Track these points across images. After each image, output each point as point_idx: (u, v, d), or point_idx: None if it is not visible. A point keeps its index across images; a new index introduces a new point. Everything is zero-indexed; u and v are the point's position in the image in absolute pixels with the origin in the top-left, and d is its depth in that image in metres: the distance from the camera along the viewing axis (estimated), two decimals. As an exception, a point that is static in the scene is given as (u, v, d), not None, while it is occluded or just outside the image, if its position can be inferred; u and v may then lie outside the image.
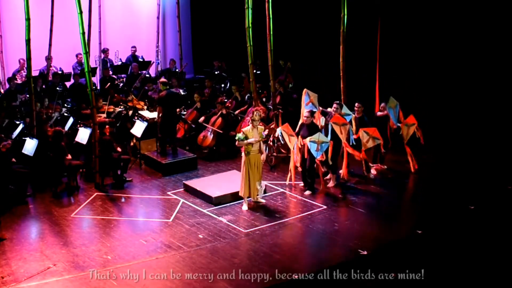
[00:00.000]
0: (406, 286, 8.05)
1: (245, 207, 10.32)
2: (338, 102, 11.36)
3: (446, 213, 10.04)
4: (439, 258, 8.66)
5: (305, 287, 8.03)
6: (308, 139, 10.59)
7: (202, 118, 13.29)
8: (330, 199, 10.69)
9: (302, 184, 11.18)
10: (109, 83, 14.94)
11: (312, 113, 11.01)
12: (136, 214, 10.42)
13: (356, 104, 11.65)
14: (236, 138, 10.21)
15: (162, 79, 13.00)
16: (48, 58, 14.87)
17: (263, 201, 10.59)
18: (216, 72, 16.64)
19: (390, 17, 13.72)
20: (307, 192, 10.93)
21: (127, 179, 11.66)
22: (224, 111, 13.18)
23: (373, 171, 11.77)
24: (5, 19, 15.45)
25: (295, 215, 10.09)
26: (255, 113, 10.19)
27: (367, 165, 11.73)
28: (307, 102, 11.36)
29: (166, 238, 9.27)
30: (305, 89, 11.42)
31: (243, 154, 10.22)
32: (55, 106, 13.06)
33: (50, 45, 14.62)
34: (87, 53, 11.28)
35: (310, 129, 10.77)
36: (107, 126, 11.52)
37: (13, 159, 10.65)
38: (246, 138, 10.11)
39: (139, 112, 13.52)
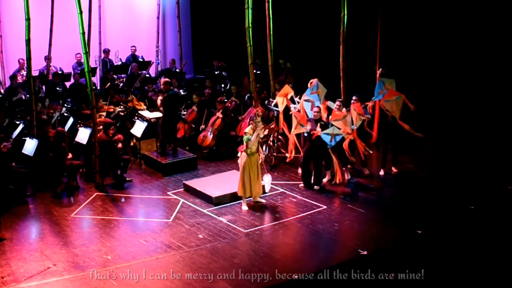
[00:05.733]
0: (406, 286, 8.06)
1: (245, 207, 10.32)
2: (341, 100, 11.39)
3: (446, 213, 10.04)
4: (439, 258, 8.66)
5: (305, 287, 8.03)
6: (322, 132, 10.68)
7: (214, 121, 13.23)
8: (330, 199, 10.69)
9: (302, 185, 11.20)
10: (109, 83, 14.94)
11: (319, 109, 11.11)
12: (136, 214, 10.42)
13: (354, 97, 11.63)
14: (245, 140, 10.15)
15: (165, 80, 12.96)
16: (48, 58, 14.87)
17: (263, 201, 10.59)
18: (216, 72, 16.64)
19: (390, 17, 13.72)
20: (302, 185, 11.14)
21: (127, 179, 11.66)
22: (220, 115, 13.14)
23: (366, 171, 11.81)
24: (5, 19, 15.45)
25: (295, 215, 10.09)
26: (256, 113, 10.28)
27: (364, 161, 11.79)
28: (313, 92, 11.32)
29: (166, 238, 9.27)
30: (316, 79, 11.39)
31: (242, 154, 10.22)
32: (55, 106, 13.06)
33: (50, 45, 14.62)
34: (87, 53, 11.27)
35: (317, 123, 10.92)
36: (112, 127, 11.49)
37: (13, 164, 10.66)
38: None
39: (139, 112, 13.52)
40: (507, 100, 13.57)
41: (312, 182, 11.14)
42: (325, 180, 11.43)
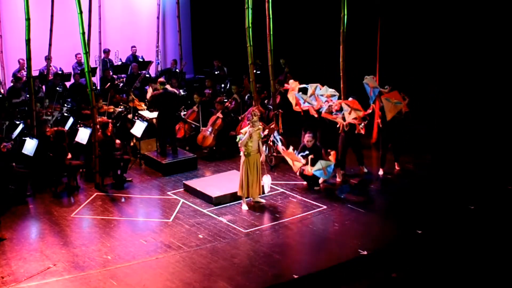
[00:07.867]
0: (406, 286, 8.05)
1: (245, 207, 10.33)
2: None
3: (446, 213, 10.04)
4: (439, 258, 8.66)
5: (305, 287, 8.02)
6: (312, 170, 10.74)
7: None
8: (330, 199, 10.68)
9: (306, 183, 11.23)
10: (109, 83, 14.94)
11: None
12: (136, 214, 10.42)
13: (350, 99, 11.61)
14: (237, 140, 10.21)
15: (161, 79, 13.02)
16: (48, 58, 14.87)
17: (263, 201, 10.59)
18: (216, 72, 16.65)
19: (390, 17, 13.71)
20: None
21: (127, 179, 11.67)
22: (220, 115, 13.13)
23: (363, 169, 11.86)
24: (5, 19, 15.45)
25: (295, 215, 10.09)
26: (252, 113, 10.29)
27: (361, 159, 11.86)
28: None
29: (166, 238, 9.27)
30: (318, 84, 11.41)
31: (242, 154, 10.24)
32: (55, 106, 13.05)
33: (50, 45, 14.61)
34: (87, 53, 11.27)
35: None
36: (110, 126, 11.50)
37: (14, 164, 10.67)
38: None
39: (139, 112, 13.52)
40: (507, 100, 13.57)
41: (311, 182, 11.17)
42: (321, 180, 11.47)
